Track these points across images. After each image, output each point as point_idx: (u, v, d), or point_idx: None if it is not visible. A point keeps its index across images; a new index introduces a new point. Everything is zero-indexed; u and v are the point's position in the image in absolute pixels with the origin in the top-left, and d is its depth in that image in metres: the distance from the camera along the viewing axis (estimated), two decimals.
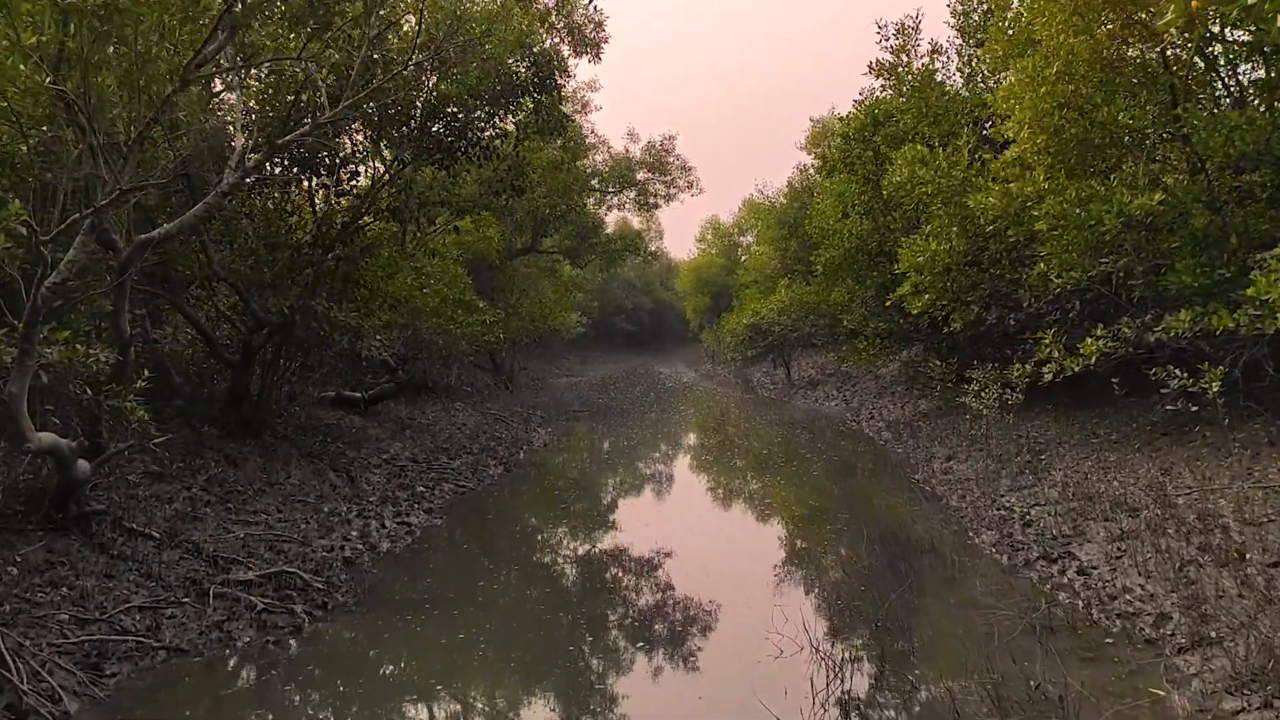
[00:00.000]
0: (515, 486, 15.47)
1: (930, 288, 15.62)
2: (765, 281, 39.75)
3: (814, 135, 36.42)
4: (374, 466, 15.28)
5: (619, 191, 32.02)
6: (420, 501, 13.71)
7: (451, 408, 23.25)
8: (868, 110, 18.39)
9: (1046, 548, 9.48)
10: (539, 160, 19.10)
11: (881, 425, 20.46)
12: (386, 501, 13.29)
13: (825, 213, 21.62)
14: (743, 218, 54.53)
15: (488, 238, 20.82)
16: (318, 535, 11.12)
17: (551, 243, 33.84)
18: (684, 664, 7.38)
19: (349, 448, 15.98)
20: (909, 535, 10.72)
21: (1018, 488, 12.22)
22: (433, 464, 16.44)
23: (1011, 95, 12.36)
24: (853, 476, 15.24)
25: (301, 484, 13.07)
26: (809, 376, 32.89)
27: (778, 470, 16.51)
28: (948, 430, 17.30)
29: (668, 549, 11.01)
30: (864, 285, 19.61)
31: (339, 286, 13.75)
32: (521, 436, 21.76)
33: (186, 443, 12.66)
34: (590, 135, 30.89)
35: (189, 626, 8.05)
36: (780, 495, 14.44)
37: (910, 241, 15.51)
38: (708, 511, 13.64)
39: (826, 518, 12.23)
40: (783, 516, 12.92)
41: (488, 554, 10.90)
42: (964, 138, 14.83)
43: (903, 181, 15.12)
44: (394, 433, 18.46)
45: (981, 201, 13.06)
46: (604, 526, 12.58)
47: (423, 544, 11.40)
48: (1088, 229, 11.66)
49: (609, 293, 62.76)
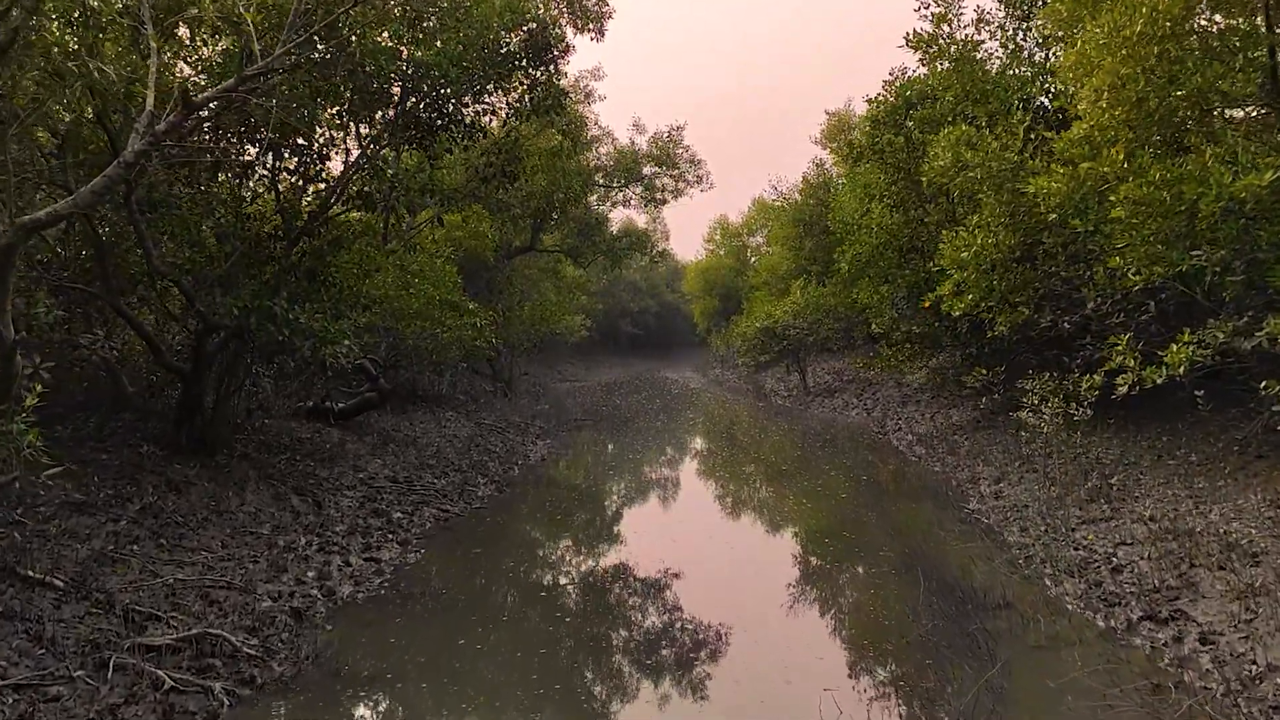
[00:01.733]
0: (506, 511, 13.69)
1: (974, 287, 13.83)
2: (777, 283, 38.00)
3: (830, 129, 34.64)
4: (346, 488, 13.53)
5: (624, 186, 30.19)
6: (395, 531, 11.95)
7: (443, 418, 21.50)
8: (899, 91, 16.62)
9: (1149, 604, 7.68)
10: (536, 146, 17.37)
11: (912, 438, 18.64)
12: (355, 532, 11.53)
13: (850, 206, 19.83)
14: (752, 217, 52.74)
15: (480, 233, 19.11)
16: (265, 578, 9.36)
17: (553, 241, 32.04)
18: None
19: (320, 466, 14.24)
20: (972, 582, 8.91)
21: (1090, 520, 10.41)
22: (415, 484, 14.68)
23: (1083, 61, 10.57)
24: (888, 500, 13.43)
25: (256, 512, 11.32)
26: (825, 383, 31.06)
27: (801, 491, 14.72)
28: (990, 446, 15.49)
29: (684, 601, 9.24)
30: (894, 285, 17.81)
31: (302, 285, 12.00)
32: (518, 449, 20.00)
33: (123, 465, 10.93)
34: (594, 127, 29.17)
35: (74, 713, 6.28)
36: (808, 526, 12.64)
37: (952, 235, 13.73)
38: (729, 548, 11.80)
39: (866, 554, 10.44)
40: (815, 556, 11.09)
41: (469, 602, 9.13)
42: (1017, 115, 13.03)
43: (946, 167, 13.33)
44: (375, 448, 16.72)
45: (1043, 186, 11.28)
46: (609, 566, 10.79)
47: (393, 587, 9.63)
48: (1176, 216, 9.87)
49: (613, 295, 61.03)
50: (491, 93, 12.66)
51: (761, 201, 51.98)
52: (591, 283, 47.53)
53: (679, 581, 9.84)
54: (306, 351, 11.10)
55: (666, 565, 10.42)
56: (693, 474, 18.07)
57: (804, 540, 11.72)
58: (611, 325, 62.74)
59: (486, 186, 13.60)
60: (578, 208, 27.19)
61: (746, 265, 52.22)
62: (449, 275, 17.22)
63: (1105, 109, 10.40)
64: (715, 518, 13.47)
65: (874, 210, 18.59)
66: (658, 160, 29.49)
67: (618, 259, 30.53)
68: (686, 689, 6.95)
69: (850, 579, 9.61)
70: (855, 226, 18.90)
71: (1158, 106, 10.02)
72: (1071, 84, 11.34)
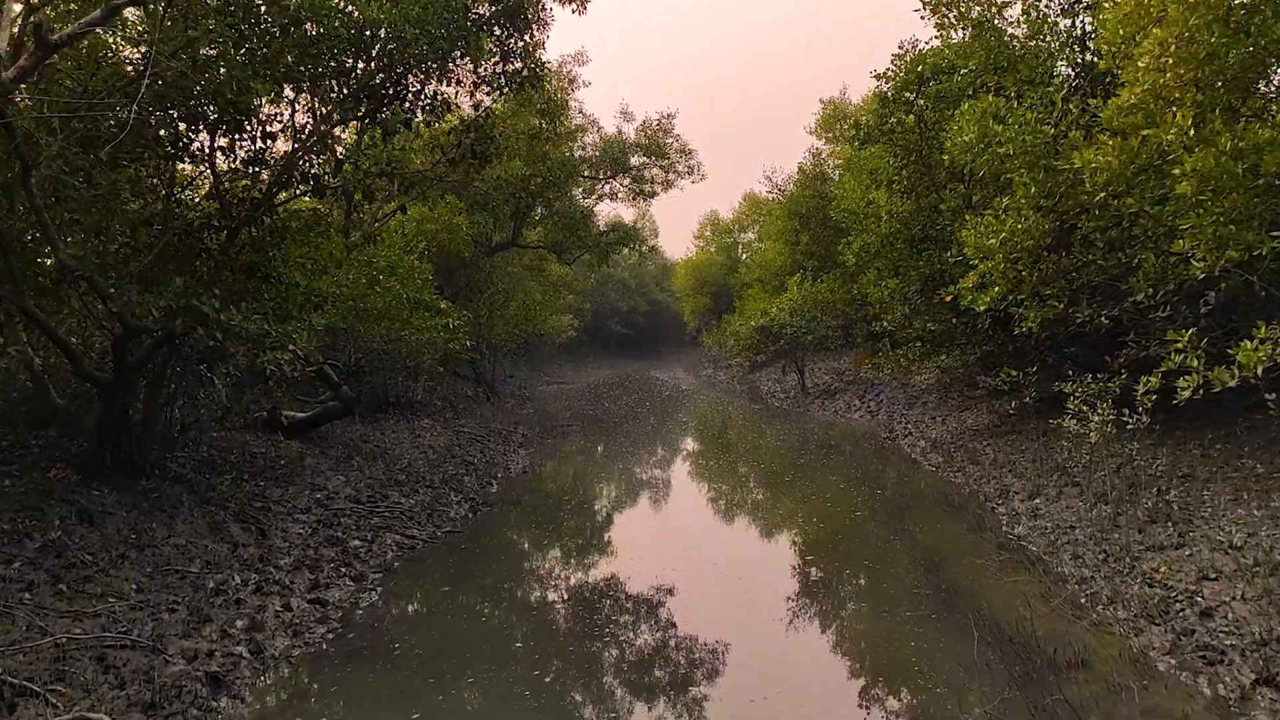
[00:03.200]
0: (481, 536, 12.15)
1: (1000, 278, 12.38)
2: (772, 279, 36.62)
3: (825, 118, 33.22)
4: (299, 512, 11.96)
5: (611, 178, 28.59)
6: (351, 564, 10.41)
7: (417, 426, 19.93)
8: (911, 65, 15.16)
9: (1262, 663, 6.21)
10: (512, 129, 15.83)
11: (925, 445, 17.18)
12: (303, 566, 9.98)
13: (855, 194, 18.36)
14: (744, 213, 51.34)
15: (454, 226, 17.55)
16: (183, 631, 7.81)
17: (536, 236, 30.45)
18: None
19: (272, 485, 12.68)
20: (1034, 631, 7.42)
21: (1156, 546, 8.95)
22: (379, 504, 13.12)
23: (1139, 14, 9.11)
24: (911, 518, 11.95)
25: (186, 545, 9.75)
26: (824, 384, 29.60)
27: (810, 507, 13.24)
28: (1016, 454, 14.03)
29: (687, 660, 7.74)
30: (905, 278, 16.33)
31: (240, 281, 10.45)
32: (498, 460, 18.45)
33: (27, 492, 9.37)
34: (578, 115, 27.58)
35: None
36: (825, 552, 11.15)
37: (977, 221, 12.26)
38: (739, 585, 10.25)
39: (897, 591, 8.96)
40: (838, 594, 9.55)
41: (429, 658, 7.60)
42: (1056, 80, 11.56)
43: (970, 143, 11.86)
44: (338, 462, 15.16)
45: (1089, 161, 9.82)
46: (596, 614, 9.26)
47: (339, 639, 8.10)
48: (1255, 191, 8.44)
49: (602, 294, 59.53)
50: (458, 61, 11.13)
51: (753, 196, 50.61)
52: (578, 281, 46.03)
53: (680, 635, 8.34)
54: (241, 358, 9.54)
55: (665, 614, 8.90)
56: (689, 490, 16.53)
57: (822, 572, 10.19)
58: (600, 325, 61.26)
59: (455, 170, 12.05)
60: (559, 198, 25.64)
61: (738, 262, 50.83)
62: (419, 272, 15.68)
63: (1168, 68, 8.94)
64: (719, 546, 11.88)
65: (879, 198, 17.15)
66: (647, 150, 27.91)
67: (604, 254, 28.96)
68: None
69: (884, 626, 8.10)
70: (861, 215, 17.41)
71: (1234, 63, 8.57)
72: (1119, 44, 9.88)
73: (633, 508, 14.65)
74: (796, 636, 7.99)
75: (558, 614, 8.95)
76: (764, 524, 13.10)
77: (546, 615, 8.91)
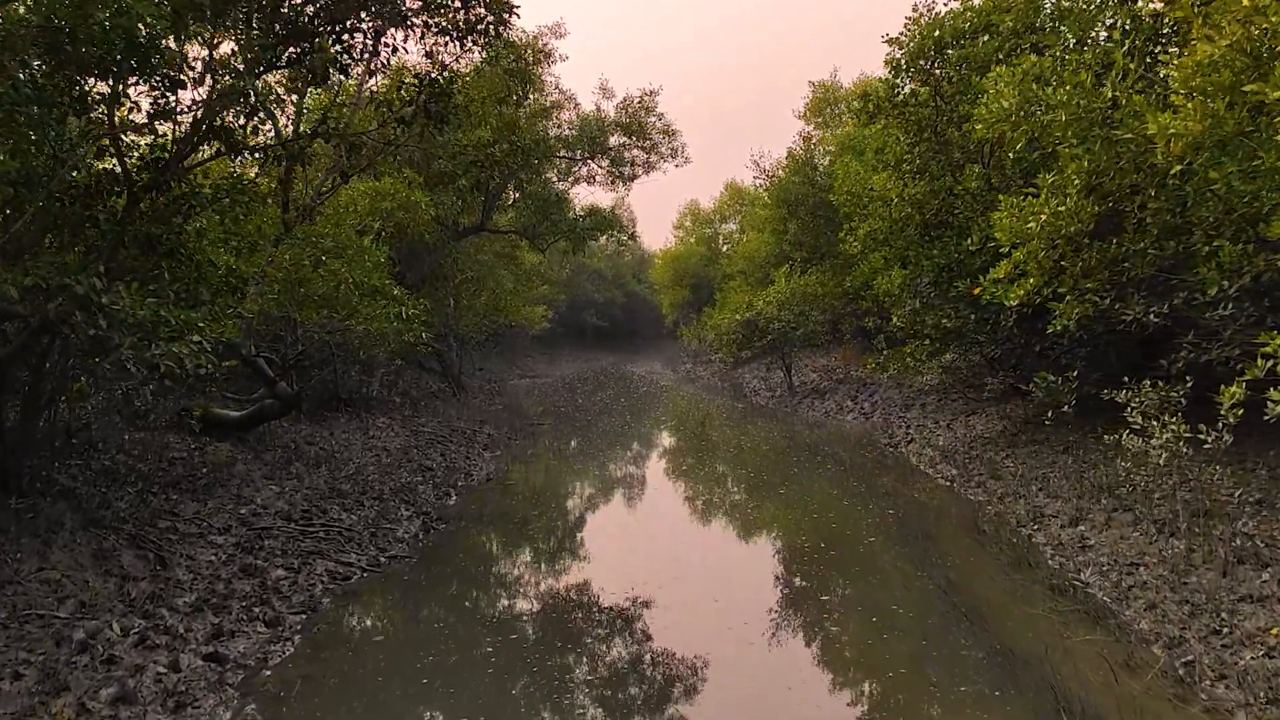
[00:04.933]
0: (431, 563, 10.36)
1: (1036, 269, 10.75)
2: (755, 271, 34.98)
3: (815, 102, 31.56)
4: (216, 532, 10.12)
5: (588, 159, 26.70)
6: (269, 601, 8.60)
7: (372, 426, 18.07)
8: (928, 29, 13.47)
9: None
10: (478, 90, 13.92)
11: (933, 454, 15.56)
12: (205, 606, 8.15)
13: (860, 175, 16.69)
14: (725, 202, 49.67)
15: (413, 204, 15.66)
16: (22, 708, 5.97)
17: (507, 220, 28.52)
18: None
19: (188, 498, 10.82)
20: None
21: (1251, 595, 7.33)
22: (314, 522, 11.30)
23: None
24: (935, 548, 10.27)
25: (61, 580, 7.90)
26: (812, 382, 27.98)
27: (815, 531, 11.57)
28: (1045, 469, 12.42)
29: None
30: (916, 268, 14.67)
31: (134, 257, 8.59)
32: (460, 465, 16.64)
33: None
34: (554, 91, 25.69)
35: None
36: (842, 593, 9.45)
37: (1012, 202, 10.61)
38: (741, 637, 8.58)
39: (941, 652, 7.28)
40: (871, 658, 7.81)
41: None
42: (1116, 35, 9.90)
43: (1009, 111, 10.18)
44: (274, 469, 13.30)
45: (1165, 126, 8.17)
46: (570, 679, 7.52)
47: (236, 716, 6.29)
48: None
49: (577, 285, 57.67)
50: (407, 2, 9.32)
51: (735, 185, 48.97)
52: (553, 271, 44.20)
53: (672, 704, 6.62)
54: (128, 350, 7.69)
55: (652, 675, 7.18)
56: (673, 507, 14.54)
57: (843, 625, 8.38)
58: (575, 317, 59.42)
59: (408, 131, 10.22)
60: (532, 180, 23.75)
61: (719, 254, 49.17)
62: (372, 255, 13.82)
63: (1271, 9, 7.30)
64: (712, 582, 10.05)
65: (882, 180, 15.49)
66: (627, 129, 26.03)
67: (580, 241, 27.08)
68: None
69: (937, 709, 6.37)
70: (866, 199, 15.72)
71: None
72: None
73: (609, 529, 12.91)
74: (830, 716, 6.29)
75: (519, 673, 7.18)
76: (762, 553, 11.32)
77: (506, 677, 7.14)
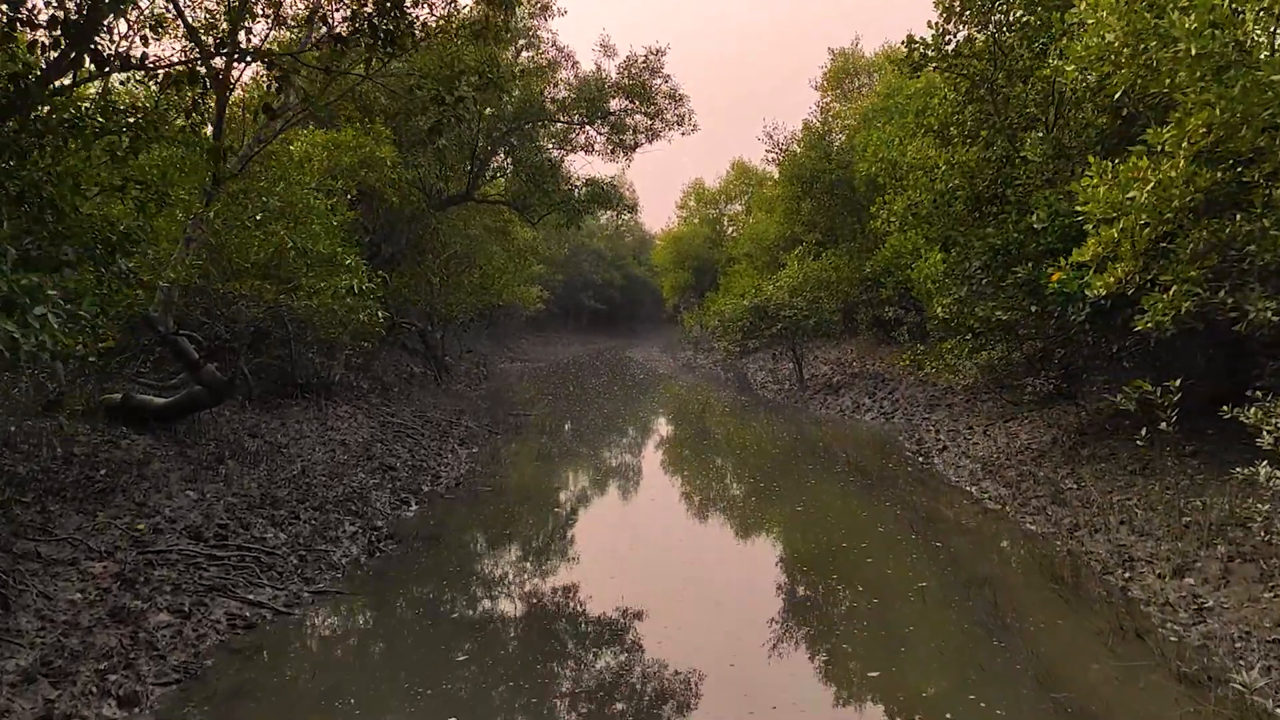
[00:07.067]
0: (365, 607, 8.22)
1: (1130, 253, 8.58)
2: (762, 255, 32.80)
3: (834, 71, 29.28)
4: (92, 557, 8.00)
5: (587, 123, 24.40)
6: (134, 664, 6.48)
7: (332, 416, 15.92)
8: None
9: None
10: (450, 22, 11.68)
11: (973, 467, 13.43)
12: (43, 674, 6.03)
13: (896, 141, 14.48)
14: (731, 182, 47.39)
15: (377, 160, 13.44)
16: None
17: (495, 189, 26.25)
18: None
19: (71, 509, 8.69)
20: None
21: None
22: (229, 541, 9.17)
23: None
24: (1007, 602, 8.15)
25: None
26: (824, 375, 25.85)
27: (852, 571, 9.43)
28: (1122, 495, 10.28)
29: None
30: (963, 250, 12.51)
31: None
32: (427, 464, 14.53)
33: None
34: (550, 48, 23.42)
35: None
36: (894, 676, 7.34)
37: (1106, 166, 8.43)
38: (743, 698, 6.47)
39: None
40: None
41: None
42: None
43: (1111, 49, 8.01)
44: (200, 468, 11.17)
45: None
46: None
47: None
48: None
49: (575, 265, 55.44)
50: None
51: (741, 164, 46.69)
52: (549, 250, 42.02)
53: None
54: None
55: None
56: (678, 533, 11.69)
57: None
58: (572, 298, 57.27)
59: (349, 54, 8.05)
60: (523, 145, 21.47)
61: (724, 236, 46.96)
62: (321, 215, 11.65)
63: None
64: (718, 636, 8.00)
65: (922, 146, 13.34)
66: (629, 92, 23.69)
67: (576, 215, 24.82)
68: None
69: None
70: (905, 167, 13.51)
71: None
72: None
73: (595, 553, 10.81)
74: None
75: None
76: (784, 608, 8.96)
77: None
